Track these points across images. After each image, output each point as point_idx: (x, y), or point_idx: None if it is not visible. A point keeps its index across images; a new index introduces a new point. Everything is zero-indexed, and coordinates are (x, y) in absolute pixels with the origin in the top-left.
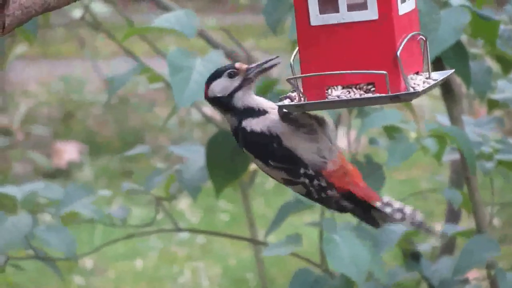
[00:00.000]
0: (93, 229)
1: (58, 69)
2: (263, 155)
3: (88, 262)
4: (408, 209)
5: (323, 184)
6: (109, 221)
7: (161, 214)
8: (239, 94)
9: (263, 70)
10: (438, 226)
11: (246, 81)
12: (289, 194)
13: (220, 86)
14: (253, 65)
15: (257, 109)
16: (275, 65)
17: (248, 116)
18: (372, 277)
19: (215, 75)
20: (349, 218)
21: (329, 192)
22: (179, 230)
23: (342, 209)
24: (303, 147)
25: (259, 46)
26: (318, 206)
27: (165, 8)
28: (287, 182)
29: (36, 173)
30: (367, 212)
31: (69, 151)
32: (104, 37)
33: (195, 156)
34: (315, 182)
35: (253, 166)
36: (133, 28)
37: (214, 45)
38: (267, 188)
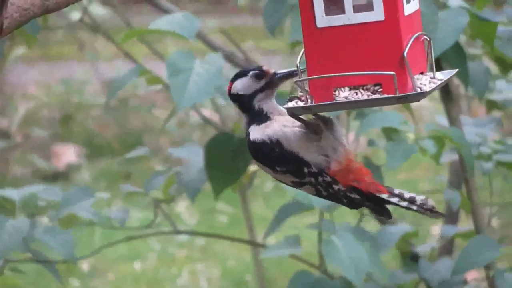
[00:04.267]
0: (92, 232)
1: (58, 71)
2: (270, 163)
3: (87, 265)
4: (418, 198)
5: (328, 179)
6: (109, 223)
7: (159, 216)
8: (260, 96)
9: (287, 77)
10: (437, 227)
11: (269, 85)
12: (289, 195)
13: (244, 84)
14: (280, 71)
15: (264, 113)
16: (295, 75)
17: (255, 121)
18: (371, 279)
19: (241, 73)
20: (348, 219)
21: (335, 186)
22: (179, 232)
23: (353, 203)
24: (304, 148)
25: (259, 48)
26: (317, 207)
27: (165, 11)
28: (296, 184)
29: (35, 176)
30: (379, 204)
31: (68, 154)
32: (104, 39)
33: (194, 158)
34: (320, 179)
35: (252, 168)
36: (132, 31)
37: (214, 47)
38: (266, 190)
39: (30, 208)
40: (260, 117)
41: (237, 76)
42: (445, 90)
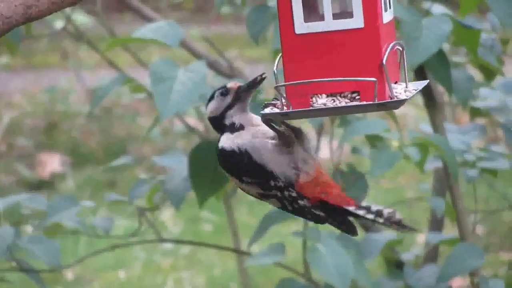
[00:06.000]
0: (77, 240)
1: (42, 80)
2: (236, 173)
3: (72, 273)
4: (386, 211)
5: (294, 194)
6: (93, 232)
7: (144, 224)
8: (230, 112)
9: (252, 86)
10: (422, 235)
11: (237, 99)
12: None
13: (213, 106)
14: (243, 84)
15: (236, 125)
16: (263, 80)
17: (227, 131)
18: (356, 286)
19: (211, 96)
20: (332, 227)
21: (300, 202)
22: (164, 240)
23: (317, 219)
24: (275, 160)
25: (243, 56)
26: None
27: (148, 19)
28: (262, 196)
29: (20, 185)
30: (343, 220)
31: (52, 162)
32: (87, 47)
33: (178, 166)
34: (286, 193)
35: None
36: (116, 39)
37: (197, 56)
38: (250, 198)
39: (14, 217)
40: (232, 128)
41: (208, 100)
42: (429, 98)
